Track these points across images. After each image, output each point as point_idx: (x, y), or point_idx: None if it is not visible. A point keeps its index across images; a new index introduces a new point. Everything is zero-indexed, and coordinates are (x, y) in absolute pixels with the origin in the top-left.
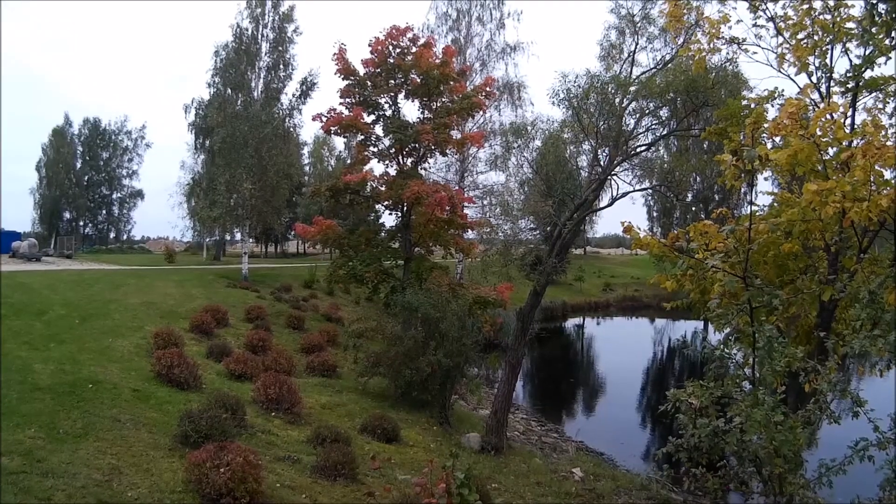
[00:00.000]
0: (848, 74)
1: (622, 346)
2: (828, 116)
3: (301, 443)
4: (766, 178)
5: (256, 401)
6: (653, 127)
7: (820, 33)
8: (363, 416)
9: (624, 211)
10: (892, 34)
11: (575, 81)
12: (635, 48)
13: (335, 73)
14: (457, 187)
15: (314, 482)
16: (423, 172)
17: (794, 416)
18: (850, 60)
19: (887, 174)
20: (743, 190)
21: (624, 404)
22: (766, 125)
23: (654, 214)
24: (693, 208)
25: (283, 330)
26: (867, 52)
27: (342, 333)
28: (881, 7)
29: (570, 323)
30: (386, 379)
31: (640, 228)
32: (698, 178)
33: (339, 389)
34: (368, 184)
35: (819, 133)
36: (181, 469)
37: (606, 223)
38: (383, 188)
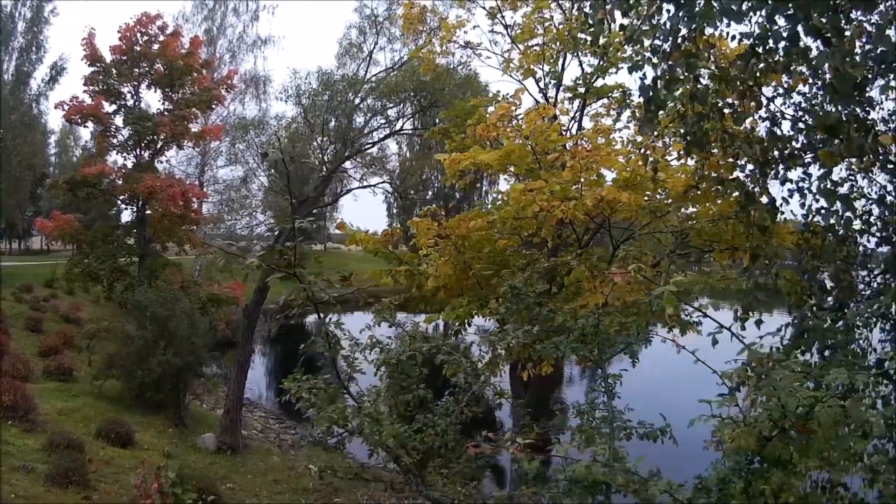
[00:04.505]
0: (577, 82)
1: (362, 341)
2: (545, 120)
3: (36, 451)
4: (505, 179)
5: None
6: (381, 126)
7: (557, 43)
8: (98, 420)
9: (364, 208)
10: (598, 41)
11: (306, 79)
12: (374, 47)
13: (82, 59)
14: (196, 181)
15: (47, 490)
16: (165, 166)
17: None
18: (583, 69)
19: (613, 175)
20: (485, 188)
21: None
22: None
23: (395, 211)
24: (433, 205)
25: (22, 332)
26: (599, 63)
27: (78, 334)
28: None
29: (311, 319)
30: (121, 381)
31: (353, 226)
32: (440, 177)
33: (76, 394)
34: (106, 177)
35: (534, 135)
36: None
37: (347, 220)
38: (120, 182)
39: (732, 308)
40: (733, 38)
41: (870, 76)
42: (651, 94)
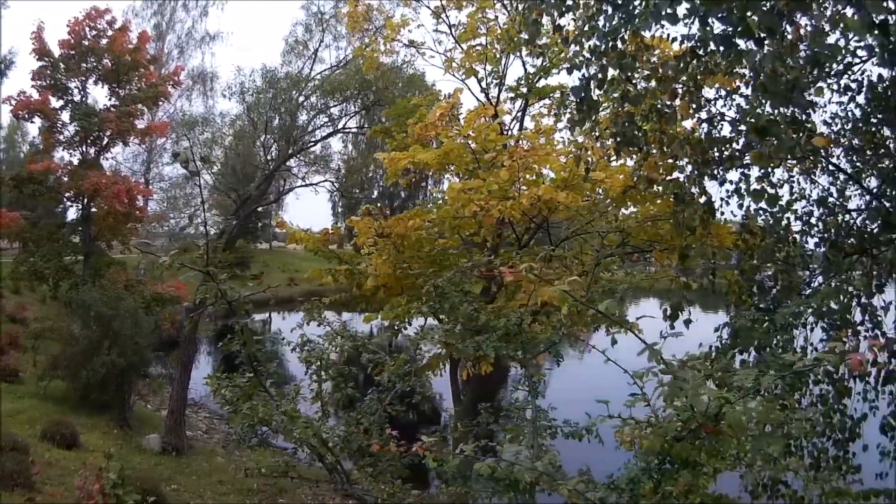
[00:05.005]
0: (520, 82)
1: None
2: (486, 120)
3: None
4: (448, 178)
5: None
6: (325, 125)
7: (500, 43)
8: (44, 421)
9: (311, 207)
10: (535, 41)
11: (251, 76)
12: (319, 45)
13: (30, 53)
14: (142, 179)
15: None
16: (111, 163)
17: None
18: (526, 69)
19: (553, 174)
20: (429, 187)
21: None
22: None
23: (339, 210)
24: (378, 204)
25: None
26: (542, 63)
27: (24, 335)
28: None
29: (257, 318)
30: (66, 382)
31: (294, 224)
32: (385, 175)
33: (21, 395)
34: (52, 174)
35: (473, 134)
36: None
37: (292, 219)
38: (66, 179)
39: (662, 308)
40: (674, 39)
41: (806, 78)
42: (583, 94)
